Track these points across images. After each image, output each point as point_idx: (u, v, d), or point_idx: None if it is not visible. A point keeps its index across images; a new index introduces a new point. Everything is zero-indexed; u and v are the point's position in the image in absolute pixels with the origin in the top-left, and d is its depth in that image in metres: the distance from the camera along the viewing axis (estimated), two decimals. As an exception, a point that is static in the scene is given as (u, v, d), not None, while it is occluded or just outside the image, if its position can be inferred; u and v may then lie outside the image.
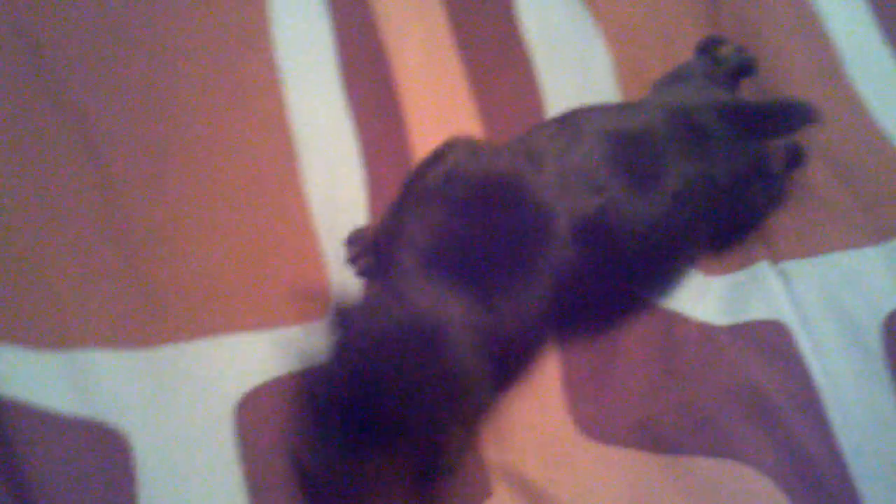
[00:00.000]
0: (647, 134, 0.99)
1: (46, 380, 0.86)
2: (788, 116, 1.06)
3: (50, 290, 0.91)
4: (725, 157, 1.01)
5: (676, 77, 1.13)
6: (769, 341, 1.03)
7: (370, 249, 1.00)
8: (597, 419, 0.96)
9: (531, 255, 0.90)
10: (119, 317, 0.91)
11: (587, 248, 0.92)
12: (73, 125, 1.01)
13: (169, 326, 0.91)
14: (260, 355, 0.91)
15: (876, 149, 1.17)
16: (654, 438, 0.95)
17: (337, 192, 1.05)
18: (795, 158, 1.13)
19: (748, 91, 1.20)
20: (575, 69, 1.19)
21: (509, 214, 0.90)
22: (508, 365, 0.92)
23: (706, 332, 1.02)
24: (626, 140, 0.97)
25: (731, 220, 1.06)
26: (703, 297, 1.05)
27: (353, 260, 1.01)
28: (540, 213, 0.90)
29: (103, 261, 0.94)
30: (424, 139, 1.08)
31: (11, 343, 0.87)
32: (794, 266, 1.08)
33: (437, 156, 0.98)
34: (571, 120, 1.01)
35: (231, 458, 0.86)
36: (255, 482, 0.85)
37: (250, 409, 0.88)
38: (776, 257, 1.09)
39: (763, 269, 1.07)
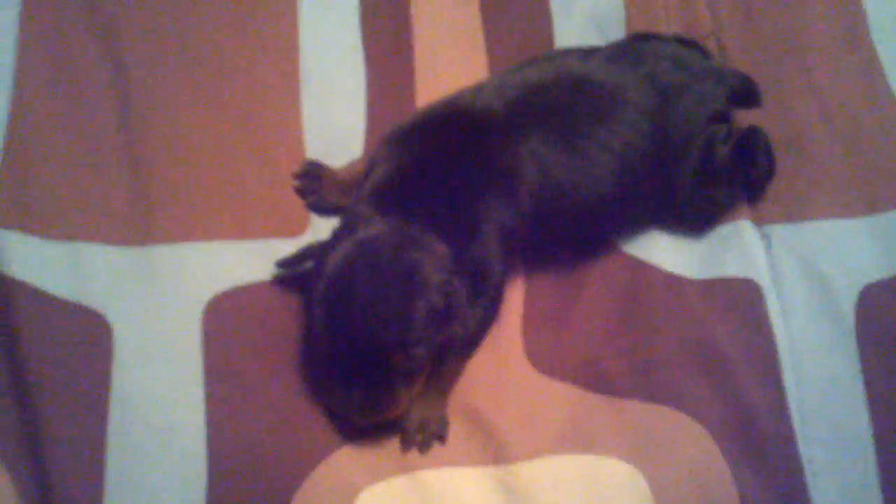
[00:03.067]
0: (602, 75, 1.02)
1: (50, 266, 0.97)
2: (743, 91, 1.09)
3: (60, 186, 1.01)
4: (680, 114, 1.03)
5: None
6: (738, 299, 1.05)
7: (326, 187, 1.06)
8: (548, 354, 1.01)
9: (478, 186, 0.96)
10: (118, 215, 1.01)
11: (534, 180, 0.97)
12: (100, 30, 1.10)
13: (159, 228, 1.01)
14: (233, 263, 1.00)
15: (886, 120, 1.16)
16: (597, 378, 1.00)
17: (333, 125, 1.11)
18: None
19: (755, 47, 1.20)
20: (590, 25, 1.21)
21: (455, 144, 0.97)
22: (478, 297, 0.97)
23: (673, 283, 1.05)
24: (578, 76, 1.01)
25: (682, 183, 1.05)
26: (679, 250, 1.08)
27: (298, 190, 1.07)
28: (482, 140, 0.97)
29: (111, 162, 1.04)
30: (429, 85, 1.13)
31: (24, 231, 0.98)
32: (777, 230, 1.09)
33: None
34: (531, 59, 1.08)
35: (194, 352, 0.95)
36: (212, 376, 0.95)
37: (217, 310, 0.97)
38: (761, 220, 1.10)
39: (745, 227, 1.09)
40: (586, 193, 0.99)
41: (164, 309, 0.97)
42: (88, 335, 0.95)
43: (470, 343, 0.99)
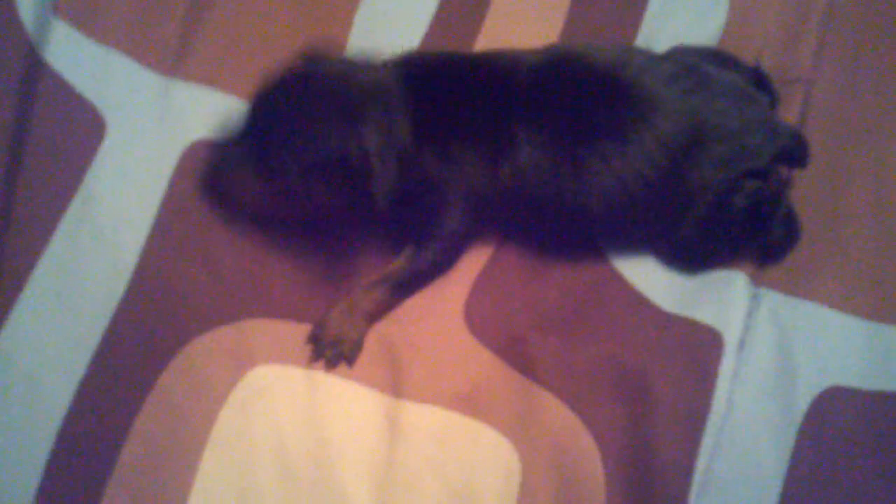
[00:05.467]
0: (646, 91, 0.97)
1: (81, 61, 1.04)
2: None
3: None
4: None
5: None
6: (694, 346, 1.01)
7: None
8: (484, 317, 1.01)
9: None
10: (161, 42, 1.07)
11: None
12: None
13: (187, 66, 1.06)
14: (235, 118, 1.03)
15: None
16: (519, 356, 1.00)
17: (383, 41, 1.10)
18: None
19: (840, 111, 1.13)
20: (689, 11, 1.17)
21: (471, 89, 0.98)
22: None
23: (636, 305, 1.03)
24: (621, 82, 0.97)
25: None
26: (659, 275, 1.04)
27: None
28: (489, 102, 0.97)
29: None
30: (492, 38, 1.13)
31: (71, 25, 1.05)
32: (771, 296, 1.04)
33: None
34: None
35: (163, 180, 1.01)
36: (166, 207, 1.00)
37: (198, 151, 1.02)
38: (759, 279, 1.04)
39: (738, 279, 1.03)
40: (571, 201, 0.97)
41: (156, 134, 1.03)
42: (85, 132, 1.02)
43: (410, 281, 1.00)
